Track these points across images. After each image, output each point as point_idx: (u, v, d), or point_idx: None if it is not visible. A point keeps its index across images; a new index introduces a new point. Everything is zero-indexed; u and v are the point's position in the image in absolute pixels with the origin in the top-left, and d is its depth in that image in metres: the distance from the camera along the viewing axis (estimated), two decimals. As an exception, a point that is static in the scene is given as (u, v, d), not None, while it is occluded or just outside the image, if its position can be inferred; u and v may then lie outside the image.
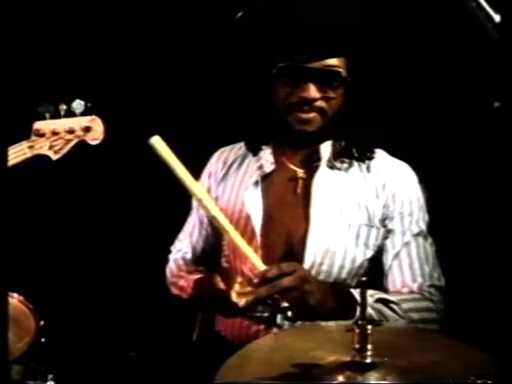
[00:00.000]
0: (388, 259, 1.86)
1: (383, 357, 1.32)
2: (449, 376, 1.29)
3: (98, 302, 2.53)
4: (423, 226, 1.89)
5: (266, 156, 1.95)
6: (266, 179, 1.93)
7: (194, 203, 2.08)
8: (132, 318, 2.34)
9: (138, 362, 1.91)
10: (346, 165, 1.90)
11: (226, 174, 2.00)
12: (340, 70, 1.81)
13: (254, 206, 1.90)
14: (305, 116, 1.83)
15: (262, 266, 1.65)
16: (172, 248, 2.14)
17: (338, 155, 1.90)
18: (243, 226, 1.89)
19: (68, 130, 1.88)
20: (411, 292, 1.81)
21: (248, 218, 1.89)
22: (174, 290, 2.04)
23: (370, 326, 1.31)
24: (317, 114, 1.83)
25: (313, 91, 1.80)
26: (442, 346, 1.42)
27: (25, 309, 1.81)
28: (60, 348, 1.69)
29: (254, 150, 1.98)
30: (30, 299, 1.83)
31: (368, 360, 1.31)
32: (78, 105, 1.86)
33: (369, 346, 1.31)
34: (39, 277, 2.44)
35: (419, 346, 1.41)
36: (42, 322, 1.76)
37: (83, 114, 1.87)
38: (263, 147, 1.97)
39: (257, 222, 1.88)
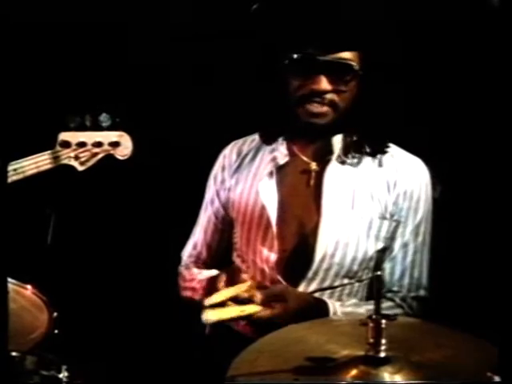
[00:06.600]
0: (385, 256, 1.90)
1: (397, 352, 1.32)
2: (463, 371, 1.29)
3: (112, 293, 2.54)
4: (424, 230, 1.90)
5: (280, 148, 1.95)
6: (279, 171, 1.93)
7: (206, 199, 2.08)
8: (145, 310, 2.35)
9: (152, 355, 1.92)
10: (357, 158, 1.90)
11: (239, 166, 2.01)
12: (352, 63, 1.80)
13: (269, 196, 1.90)
14: (316, 109, 1.82)
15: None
16: (182, 254, 2.12)
17: (350, 149, 1.89)
18: (258, 216, 1.91)
19: (95, 143, 1.89)
20: (390, 300, 1.88)
21: (263, 208, 1.90)
22: (187, 294, 2.03)
23: (384, 321, 1.31)
24: (328, 108, 1.82)
25: (324, 83, 1.79)
26: (456, 341, 1.42)
27: (38, 300, 1.82)
28: (73, 339, 1.69)
29: (268, 141, 1.97)
30: (43, 290, 1.84)
31: (382, 354, 1.30)
32: (104, 118, 1.86)
33: (383, 341, 1.31)
34: (53, 268, 2.45)
35: (434, 341, 1.41)
36: (55, 314, 1.77)
37: (110, 128, 1.88)
38: (277, 139, 1.96)
39: (272, 212, 1.89)
